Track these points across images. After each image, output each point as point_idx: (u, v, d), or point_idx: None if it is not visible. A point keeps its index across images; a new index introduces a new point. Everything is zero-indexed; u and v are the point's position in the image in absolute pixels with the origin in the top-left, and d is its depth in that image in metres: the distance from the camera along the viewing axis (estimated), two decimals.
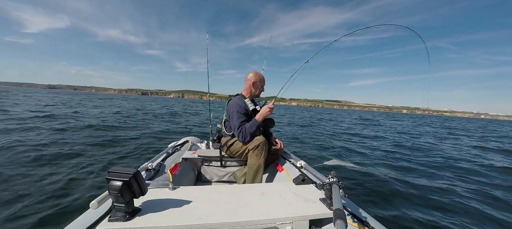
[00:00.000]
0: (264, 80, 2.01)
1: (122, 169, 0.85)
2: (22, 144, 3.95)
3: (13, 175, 2.65)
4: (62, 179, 2.62)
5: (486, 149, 7.32)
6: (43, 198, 2.19)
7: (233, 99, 1.94)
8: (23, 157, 3.28)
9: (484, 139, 10.67)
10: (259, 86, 1.96)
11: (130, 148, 4.40)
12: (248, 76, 1.97)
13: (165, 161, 1.86)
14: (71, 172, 2.87)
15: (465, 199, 2.75)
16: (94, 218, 0.90)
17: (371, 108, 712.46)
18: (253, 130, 1.73)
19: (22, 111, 8.98)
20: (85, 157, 3.57)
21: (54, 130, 5.56)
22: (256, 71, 2.01)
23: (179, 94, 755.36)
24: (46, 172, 2.83)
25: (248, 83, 1.95)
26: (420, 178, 3.53)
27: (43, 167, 3.00)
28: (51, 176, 2.72)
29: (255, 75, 1.96)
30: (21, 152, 3.51)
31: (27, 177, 2.64)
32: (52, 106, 13.09)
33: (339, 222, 0.71)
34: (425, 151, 6.28)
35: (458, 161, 5.07)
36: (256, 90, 1.96)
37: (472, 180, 3.61)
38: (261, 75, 1.99)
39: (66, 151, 3.81)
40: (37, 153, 3.50)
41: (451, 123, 32.36)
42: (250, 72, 1.98)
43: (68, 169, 2.98)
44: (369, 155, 5.22)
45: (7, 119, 6.65)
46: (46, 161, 3.24)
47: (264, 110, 1.77)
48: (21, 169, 2.86)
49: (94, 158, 3.55)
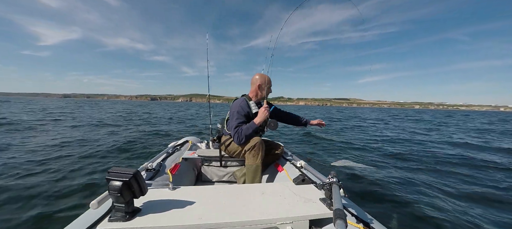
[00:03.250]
0: (270, 81, 1.96)
1: (122, 169, 0.85)
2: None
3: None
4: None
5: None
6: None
7: (237, 99, 1.94)
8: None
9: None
10: (265, 88, 1.92)
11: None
12: (253, 78, 1.94)
13: (165, 161, 1.86)
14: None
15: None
16: (94, 218, 0.90)
17: (381, 105, 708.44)
18: (249, 133, 1.72)
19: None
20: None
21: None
22: (262, 73, 1.97)
23: (187, 98, 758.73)
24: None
25: (254, 86, 1.92)
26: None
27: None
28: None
29: (261, 77, 1.92)
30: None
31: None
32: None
33: (339, 222, 0.71)
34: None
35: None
36: (262, 92, 1.92)
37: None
38: (267, 77, 1.94)
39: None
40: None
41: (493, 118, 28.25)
42: (256, 74, 1.95)
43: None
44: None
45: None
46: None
47: (260, 113, 1.76)
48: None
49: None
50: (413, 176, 3.58)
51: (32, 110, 15.06)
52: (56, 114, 12.42)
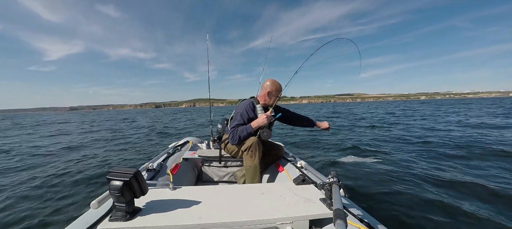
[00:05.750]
0: (280, 90, 1.93)
1: (122, 169, 0.85)
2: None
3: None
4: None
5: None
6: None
7: (245, 101, 1.92)
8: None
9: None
10: (274, 95, 1.91)
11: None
12: (265, 83, 1.92)
13: (166, 161, 1.86)
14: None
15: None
16: (95, 218, 0.91)
17: (386, 98, 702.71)
18: (243, 134, 1.71)
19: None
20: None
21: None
22: (275, 80, 1.94)
23: (191, 104, 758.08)
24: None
25: (264, 91, 1.91)
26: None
27: None
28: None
29: (272, 84, 1.89)
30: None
31: None
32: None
33: (339, 222, 0.71)
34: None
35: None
36: (270, 99, 1.91)
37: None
38: (278, 85, 1.92)
39: None
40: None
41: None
42: (267, 80, 1.93)
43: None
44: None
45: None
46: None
47: (260, 118, 1.74)
48: None
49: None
50: (418, 173, 3.57)
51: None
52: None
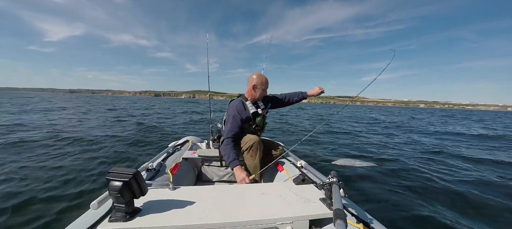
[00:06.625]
0: (266, 83, 1.89)
1: (122, 169, 0.85)
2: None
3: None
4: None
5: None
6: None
7: (234, 100, 1.89)
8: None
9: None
10: (260, 89, 1.85)
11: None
12: (250, 77, 1.87)
13: (166, 161, 1.86)
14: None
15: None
16: (95, 218, 0.91)
17: (385, 103, 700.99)
18: (225, 157, 1.65)
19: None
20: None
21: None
22: (260, 73, 1.91)
23: (190, 95, 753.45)
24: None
25: (249, 85, 1.86)
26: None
27: None
28: None
29: (258, 78, 1.85)
30: None
31: None
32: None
33: (339, 222, 0.71)
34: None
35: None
36: (256, 93, 1.86)
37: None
38: (264, 78, 1.87)
39: None
40: None
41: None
42: (253, 74, 1.88)
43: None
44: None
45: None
46: None
47: (238, 178, 1.55)
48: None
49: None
50: (415, 175, 3.57)
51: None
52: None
